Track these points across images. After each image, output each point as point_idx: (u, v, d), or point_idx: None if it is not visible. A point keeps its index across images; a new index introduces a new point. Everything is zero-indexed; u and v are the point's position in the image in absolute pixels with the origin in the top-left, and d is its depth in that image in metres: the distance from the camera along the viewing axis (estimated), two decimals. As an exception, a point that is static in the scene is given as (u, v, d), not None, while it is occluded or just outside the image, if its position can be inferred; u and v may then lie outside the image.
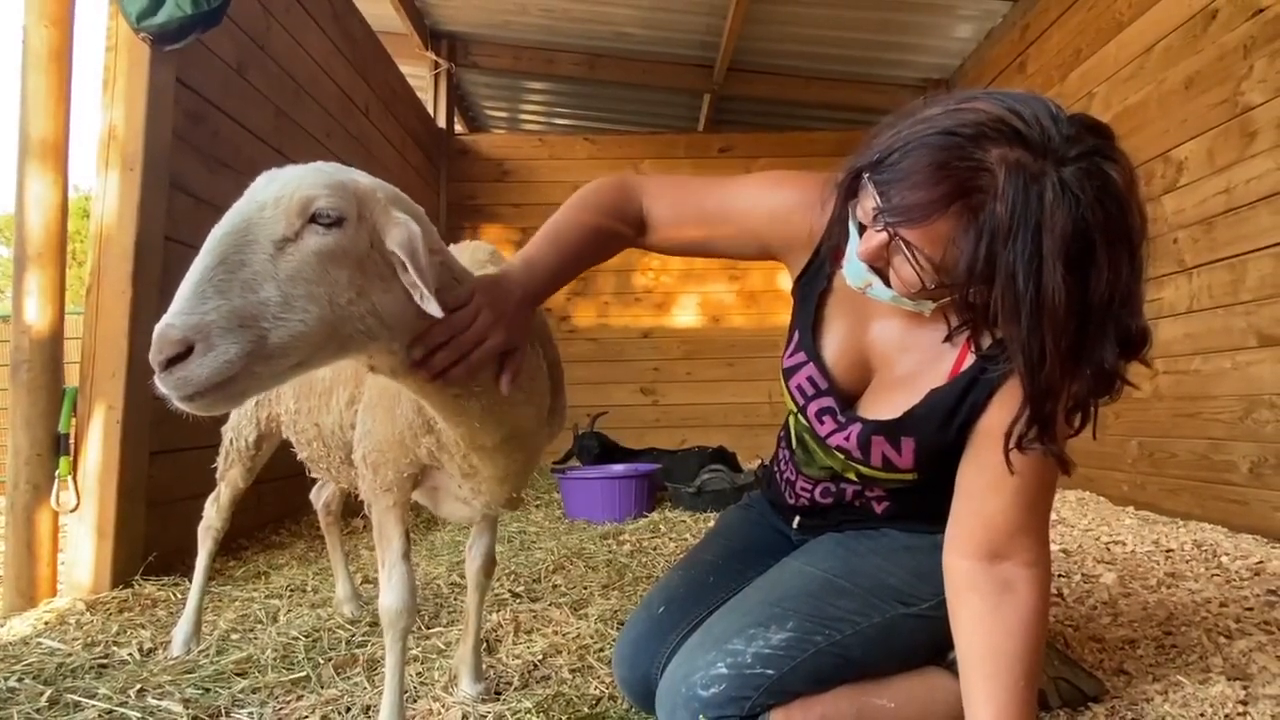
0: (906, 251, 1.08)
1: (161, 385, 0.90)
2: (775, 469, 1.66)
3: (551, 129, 8.07)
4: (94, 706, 1.59)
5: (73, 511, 2.48)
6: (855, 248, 1.16)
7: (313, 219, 0.99)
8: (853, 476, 1.43)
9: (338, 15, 4.39)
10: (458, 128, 6.94)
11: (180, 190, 2.88)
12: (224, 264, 0.94)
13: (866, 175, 1.11)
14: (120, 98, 2.60)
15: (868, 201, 1.12)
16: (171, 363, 0.88)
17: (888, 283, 1.16)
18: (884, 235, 1.10)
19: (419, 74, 6.38)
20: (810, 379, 1.42)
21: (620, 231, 1.42)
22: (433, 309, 1.03)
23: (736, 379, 6.26)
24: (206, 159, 3.08)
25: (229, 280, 0.93)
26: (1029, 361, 1.05)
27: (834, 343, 1.41)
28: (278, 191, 1.00)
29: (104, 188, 2.59)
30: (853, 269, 1.20)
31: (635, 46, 6.25)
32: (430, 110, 6.43)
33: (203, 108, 3.04)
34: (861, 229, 1.15)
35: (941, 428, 1.26)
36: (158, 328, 0.89)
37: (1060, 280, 0.99)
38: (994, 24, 5.36)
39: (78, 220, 9.86)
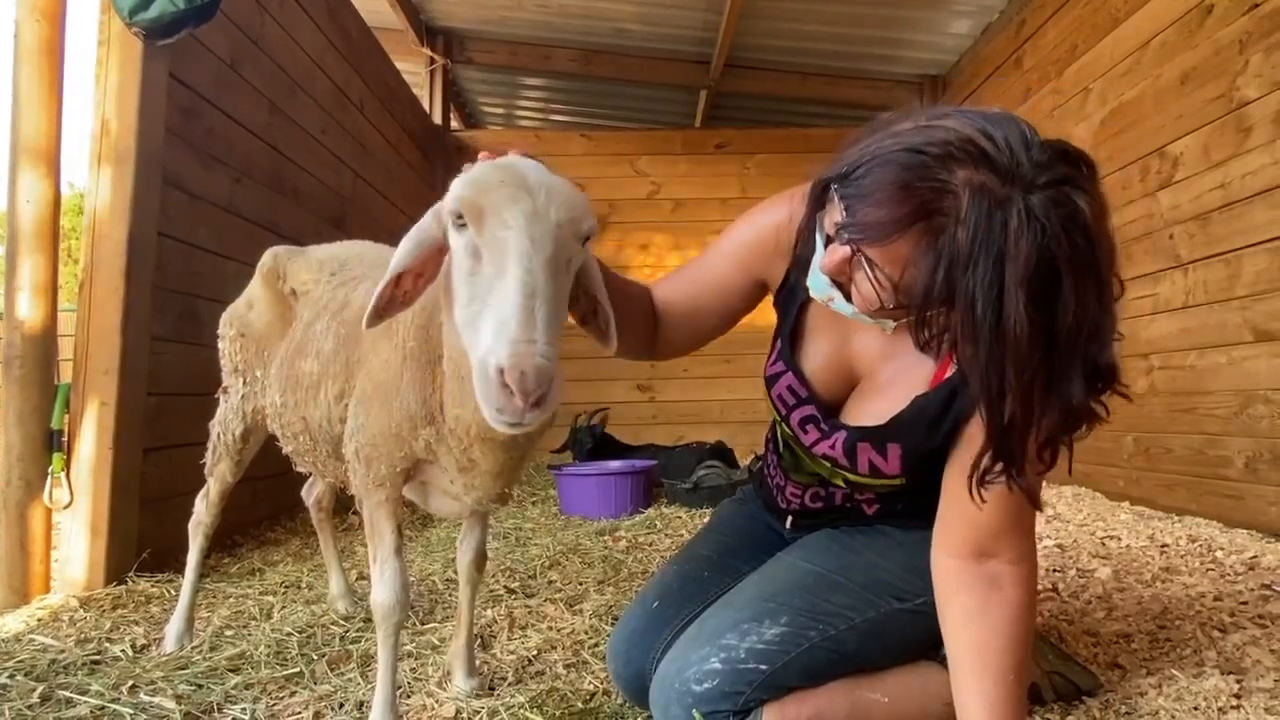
0: (867, 268, 1.06)
1: (520, 417, 0.93)
2: (765, 472, 1.66)
3: (548, 125, 8.05)
4: (86, 703, 1.59)
5: (66, 508, 2.47)
6: (819, 260, 1.15)
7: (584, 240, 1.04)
8: (840, 482, 1.43)
9: (332, 10, 4.37)
10: (454, 124, 6.92)
11: (173, 186, 2.87)
12: (554, 287, 0.97)
13: (834, 187, 1.09)
14: (113, 93, 2.59)
15: (834, 214, 1.10)
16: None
17: (849, 297, 1.14)
18: (847, 250, 1.07)
19: (415, 70, 6.36)
20: (790, 388, 1.43)
21: (639, 306, 1.48)
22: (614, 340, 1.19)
23: (733, 375, 6.26)
24: (200, 154, 3.07)
25: (558, 307, 0.98)
26: (988, 394, 1.01)
27: (816, 352, 1.42)
28: (567, 213, 1.02)
29: (96, 183, 2.57)
30: (815, 281, 1.18)
31: (631, 42, 6.23)
32: (426, 106, 6.41)
33: (196, 103, 3.03)
34: (828, 241, 1.13)
35: (928, 433, 1.26)
36: (529, 367, 0.90)
37: (1023, 311, 0.95)
38: (991, 19, 5.35)
39: (73, 218, 9.82)
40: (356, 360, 1.49)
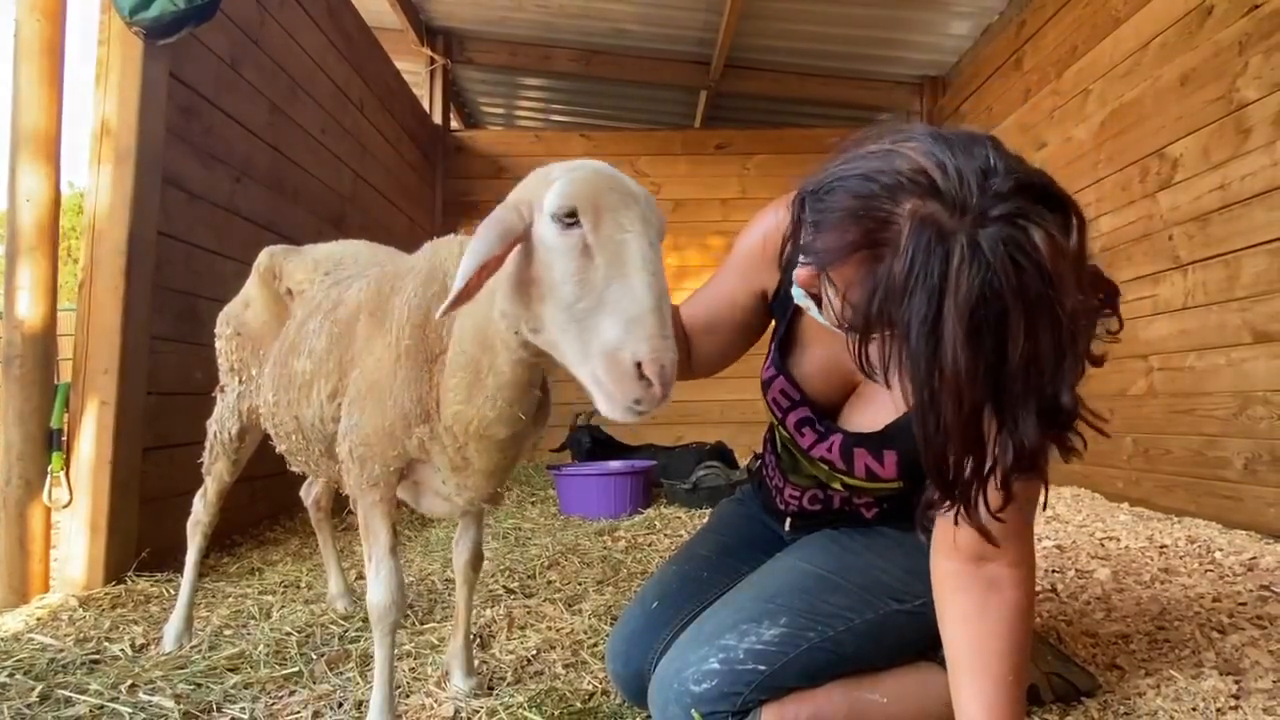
0: (828, 286, 1.05)
1: (656, 405, 1.00)
2: (764, 473, 1.66)
3: (548, 125, 8.05)
4: (85, 702, 1.59)
5: (65, 507, 2.47)
6: (796, 271, 1.15)
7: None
8: (838, 485, 1.43)
9: (332, 10, 4.38)
10: (454, 124, 6.92)
11: (173, 185, 2.87)
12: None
13: (806, 203, 1.08)
14: (113, 92, 2.59)
15: (804, 231, 1.10)
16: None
17: (820, 309, 1.15)
18: (813, 264, 1.07)
19: (415, 70, 6.36)
20: (783, 391, 1.44)
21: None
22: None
23: (734, 376, 6.18)
24: (200, 154, 3.07)
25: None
26: (924, 430, 0.97)
27: (812, 356, 1.43)
28: (658, 220, 1.09)
29: (97, 182, 2.57)
30: (796, 291, 1.19)
31: (632, 43, 6.24)
32: (426, 106, 6.42)
33: (196, 102, 3.03)
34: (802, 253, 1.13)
35: None
36: (668, 360, 0.99)
37: (961, 348, 0.90)
38: (990, 21, 5.36)
39: (73, 217, 9.82)
40: (349, 359, 1.49)
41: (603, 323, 1.00)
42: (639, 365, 0.98)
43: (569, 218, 1.04)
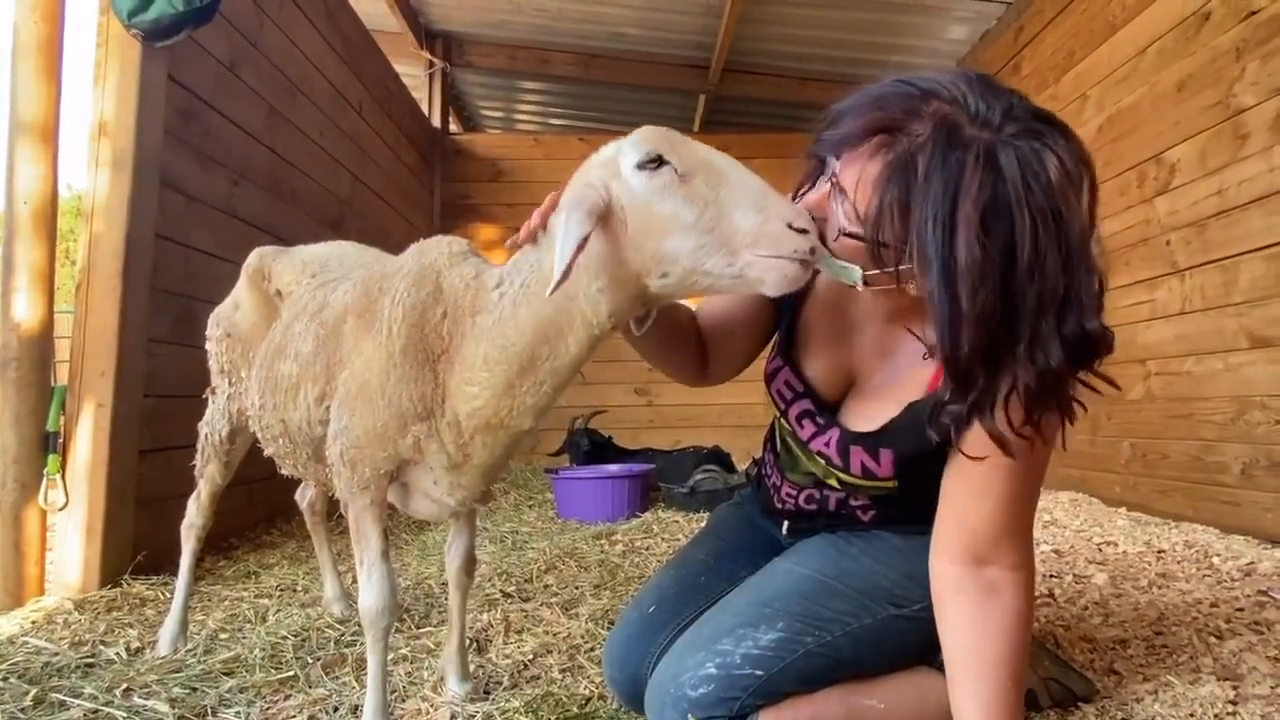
0: (837, 196, 1.11)
1: (815, 242, 1.07)
2: (762, 471, 1.66)
3: (546, 129, 8.06)
4: (79, 706, 1.58)
5: (61, 510, 2.46)
6: (805, 198, 1.21)
7: None
8: (834, 483, 1.43)
9: (331, 13, 4.38)
10: (452, 127, 6.93)
11: (171, 188, 2.87)
12: None
13: (821, 134, 1.15)
14: (111, 94, 2.59)
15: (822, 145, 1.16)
16: None
17: (829, 248, 1.16)
18: (826, 187, 1.13)
19: (414, 73, 6.36)
20: (787, 383, 1.44)
21: (685, 328, 1.51)
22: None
23: (732, 379, 6.25)
24: (198, 156, 3.07)
25: None
26: (940, 317, 1.02)
27: (816, 350, 1.43)
28: None
29: (94, 184, 2.57)
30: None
31: (630, 47, 6.24)
32: (425, 109, 6.42)
33: (194, 105, 3.03)
34: (811, 187, 1.19)
35: (920, 440, 1.26)
36: (804, 212, 1.09)
37: (974, 238, 0.97)
38: (988, 26, 5.37)
39: (71, 219, 9.81)
40: (337, 361, 1.48)
41: (735, 216, 1.10)
42: (790, 225, 1.06)
43: (653, 163, 1.14)
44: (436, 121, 6.50)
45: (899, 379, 1.31)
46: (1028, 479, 1.19)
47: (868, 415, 1.34)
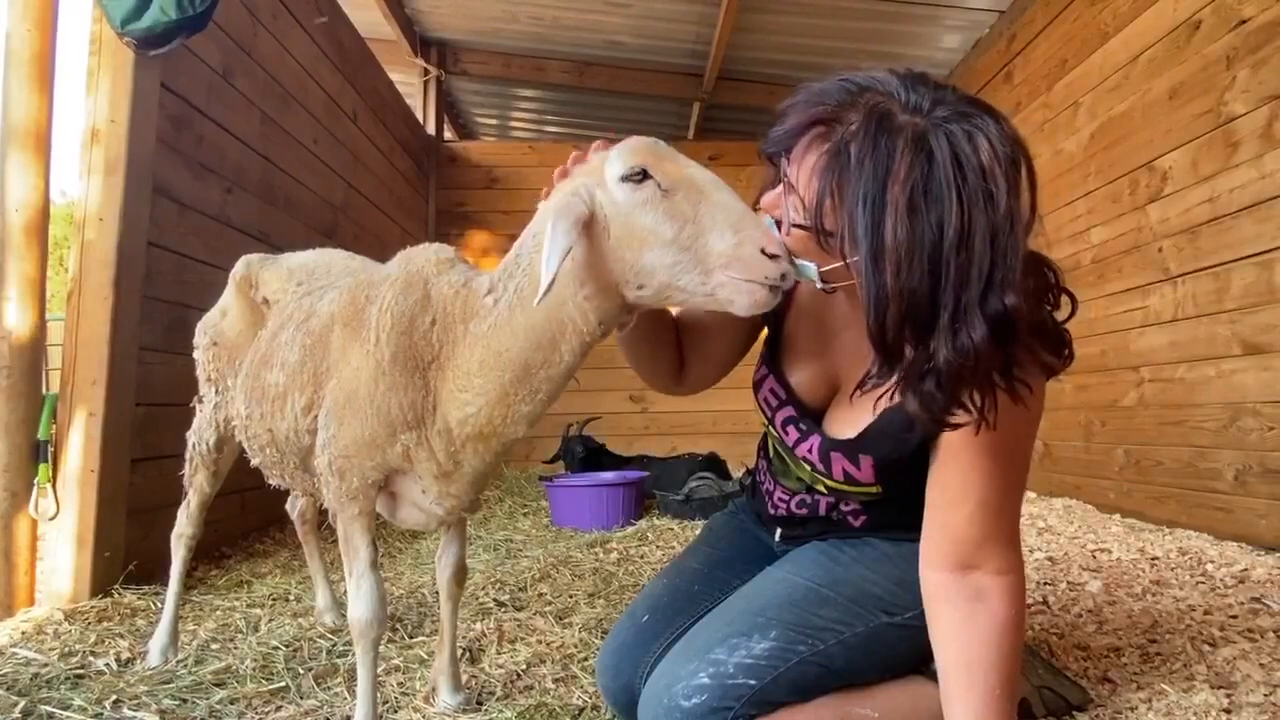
0: (789, 194, 1.13)
1: (785, 268, 1.12)
2: (756, 478, 1.66)
3: (541, 136, 8.06)
4: (69, 718, 1.57)
5: (52, 519, 2.45)
6: (763, 199, 1.25)
7: None
8: (823, 489, 1.43)
9: (325, 21, 4.38)
10: (447, 134, 6.93)
11: (164, 196, 2.86)
12: None
13: (770, 131, 1.18)
14: (104, 102, 2.59)
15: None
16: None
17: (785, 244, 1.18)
18: (780, 188, 1.15)
19: (409, 81, 6.37)
20: (772, 390, 1.45)
21: (665, 333, 1.53)
22: None
23: (727, 386, 6.18)
24: (191, 164, 3.07)
25: None
26: (867, 294, 1.04)
27: (800, 358, 1.44)
28: None
29: (86, 192, 2.56)
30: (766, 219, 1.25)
31: (625, 55, 6.26)
32: (420, 117, 6.42)
33: (187, 113, 3.02)
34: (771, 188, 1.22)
35: (898, 444, 1.26)
36: (778, 239, 1.14)
37: (901, 218, 0.99)
38: (981, 34, 5.39)
39: (64, 227, 9.79)
40: (325, 370, 1.48)
41: (711, 237, 1.13)
42: (762, 250, 1.11)
43: (637, 175, 1.17)
44: (431, 129, 6.51)
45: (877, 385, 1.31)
46: (1005, 481, 1.19)
47: (849, 421, 1.34)
